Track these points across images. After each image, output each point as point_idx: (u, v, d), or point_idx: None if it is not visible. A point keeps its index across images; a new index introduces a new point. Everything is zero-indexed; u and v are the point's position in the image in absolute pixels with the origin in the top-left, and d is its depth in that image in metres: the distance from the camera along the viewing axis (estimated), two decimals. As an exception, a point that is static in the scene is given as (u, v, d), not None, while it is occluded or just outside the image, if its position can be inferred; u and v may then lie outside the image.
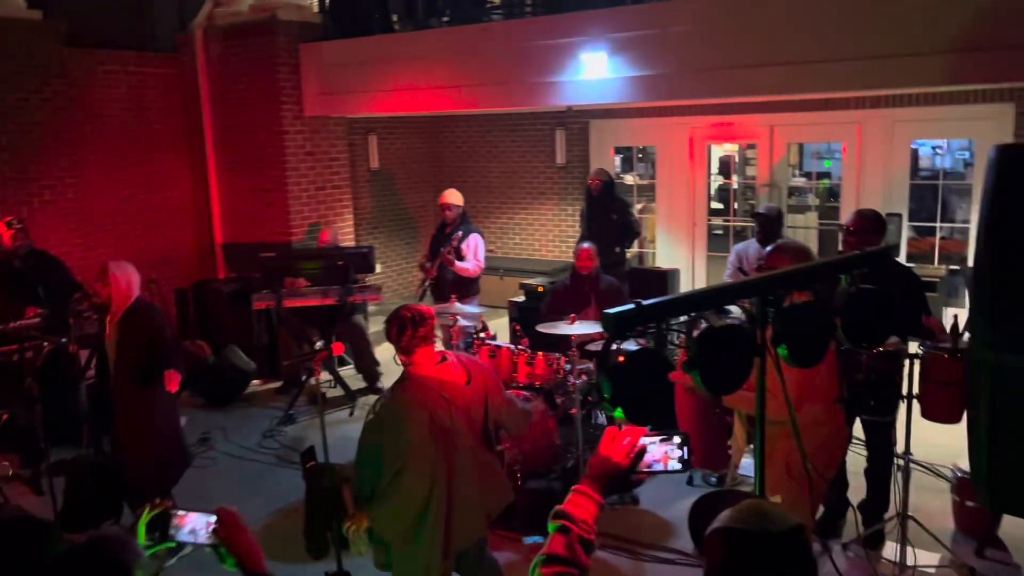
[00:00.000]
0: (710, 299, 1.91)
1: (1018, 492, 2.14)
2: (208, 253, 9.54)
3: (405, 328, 3.34)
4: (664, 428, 1.85)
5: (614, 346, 1.79)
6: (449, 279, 7.23)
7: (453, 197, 7.43)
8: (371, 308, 9.51)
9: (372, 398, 7.56)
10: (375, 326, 9.64)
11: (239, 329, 8.28)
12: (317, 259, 7.61)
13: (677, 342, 1.96)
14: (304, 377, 7.55)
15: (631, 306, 1.80)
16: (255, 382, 8.06)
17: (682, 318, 2.01)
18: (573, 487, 1.83)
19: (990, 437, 2.12)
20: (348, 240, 9.27)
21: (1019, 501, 2.17)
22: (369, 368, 7.76)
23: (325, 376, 7.60)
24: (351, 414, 7.28)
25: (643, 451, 1.80)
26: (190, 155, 9.40)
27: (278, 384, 8.03)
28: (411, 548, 3.40)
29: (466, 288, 7.20)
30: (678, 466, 1.82)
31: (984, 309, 2.07)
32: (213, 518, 2.03)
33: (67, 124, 8.17)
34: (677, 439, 1.81)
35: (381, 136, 11.19)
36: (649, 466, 1.82)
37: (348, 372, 8.02)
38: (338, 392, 7.64)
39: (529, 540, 4.75)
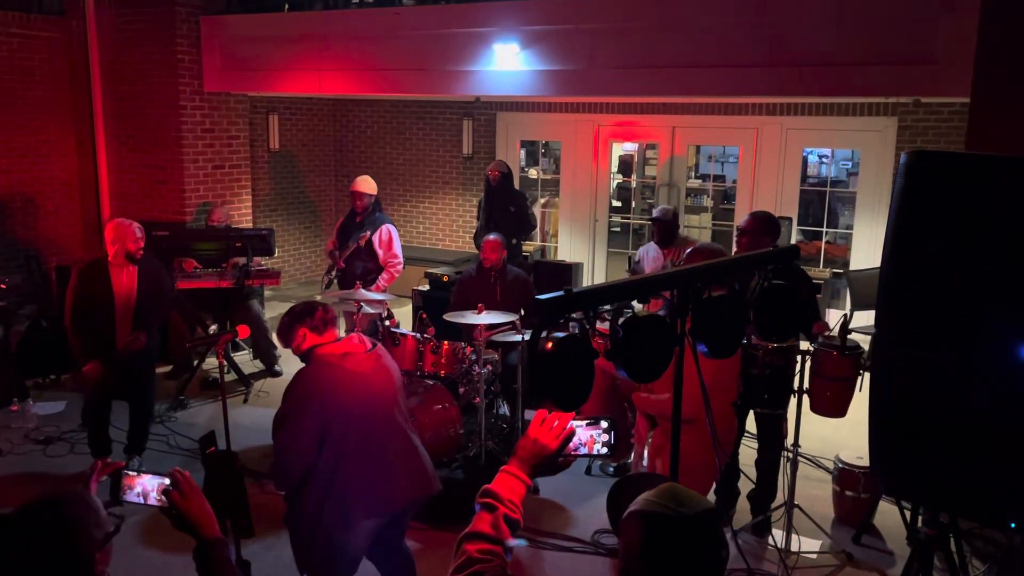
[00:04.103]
0: (638, 288, 1.96)
1: (911, 478, 2.29)
2: (95, 230, 9.07)
3: (315, 309, 3.42)
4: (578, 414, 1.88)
5: (543, 333, 1.81)
6: (358, 271, 7.06)
7: (365, 186, 7.19)
8: (267, 293, 9.26)
9: (270, 381, 7.39)
10: (272, 311, 9.39)
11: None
12: (213, 240, 7.34)
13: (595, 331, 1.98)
14: (195, 362, 7.28)
15: (560, 293, 1.81)
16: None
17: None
18: (502, 467, 1.84)
19: (888, 426, 2.25)
20: (245, 222, 8.99)
21: (911, 486, 2.32)
22: (267, 352, 7.57)
23: (216, 362, 7.35)
24: (245, 400, 7.07)
25: (571, 434, 1.83)
26: (77, 126, 8.90)
27: (168, 369, 7.71)
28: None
29: (374, 277, 7.09)
30: (604, 450, 1.85)
31: (888, 305, 2.19)
32: (166, 480, 1.94)
33: (-60, 86, 7.62)
34: (604, 424, 1.85)
35: (283, 116, 10.90)
36: (576, 449, 1.85)
37: (242, 358, 7.79)
38: (232, 377, 7.40)
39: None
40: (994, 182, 2.03)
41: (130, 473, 1.98)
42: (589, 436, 1.85)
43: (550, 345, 1.80)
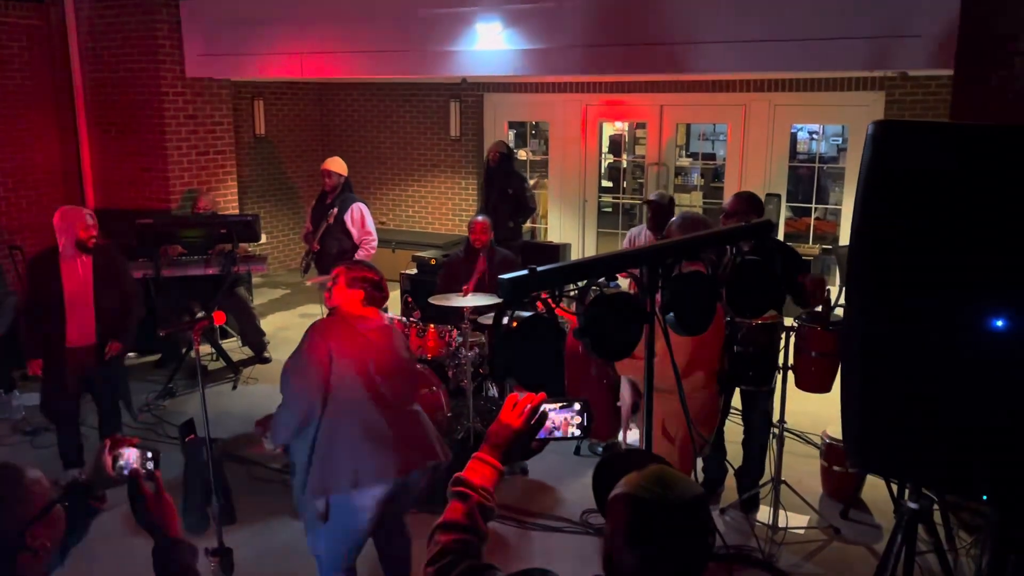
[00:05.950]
0: (603, 266, 1.93)
1: (885, 453, 2.27)
2: (79, 219, 8.99)
3: (339, 275, 3.57)
4: (562, 395, 1.85)
5: (507, 314, 1.78)
6: (333, 251, 7.05)
7: (333, 165, 7.26)
8: (256, 280, 9.22)
9: (259, 368, 7.37)
10: (260, 298, 9.37)
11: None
12: (199, 227, 7.29)
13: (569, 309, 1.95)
14: (184, 350, 7.25)
15: (525, 272, 1.79)
16: (131, 354, 7.68)
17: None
18: (473, 454, 1.81)
19: (862, 402, 2.23)
20: (232, 208, 8.94)
21: (886, 462, 2.31)
22: (255, 339, 7.54)
23: (206, 349, 7.34)
24: (234, 387, 7.05)
25: (544, 417, 1.80)
26: (58, 114, 8.80)
27: (156, 357, 7.68)
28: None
29: (351, 256, 7.05)
30: (578, 432, 1.83)
31: (858, 279, 2.17)
32: (148, 452, 1.96)
33: (-83, 75, 7.51)
34: (577, 406, 1.82)
35: (268, 101, 10.81)
36: (550, 432, 1.82)
37: (231, 344, 7.75)
38: (220, 365, 7.38)
39: None
40: (962, 151, 2.00)
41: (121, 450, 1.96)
42: (563, 418, 1.83)
43: (515, 324, 1.77)
